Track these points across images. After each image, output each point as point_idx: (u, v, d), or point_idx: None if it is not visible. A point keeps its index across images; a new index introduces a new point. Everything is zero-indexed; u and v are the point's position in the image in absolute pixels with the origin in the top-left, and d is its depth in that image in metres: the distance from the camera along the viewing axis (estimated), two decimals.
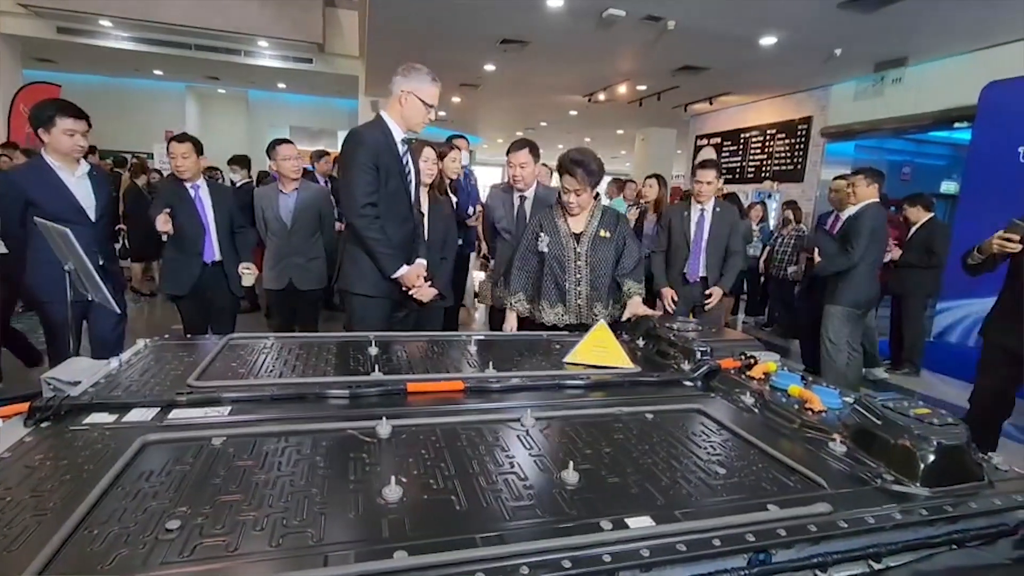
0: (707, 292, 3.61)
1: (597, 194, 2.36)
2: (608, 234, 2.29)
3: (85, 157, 2.52)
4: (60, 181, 2.41)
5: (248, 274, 3.10)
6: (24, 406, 1.06)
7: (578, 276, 2.26)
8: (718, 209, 3.66)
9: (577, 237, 2.28)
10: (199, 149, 2.99)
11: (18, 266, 2.49)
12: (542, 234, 2.27)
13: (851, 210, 3.75)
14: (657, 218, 4.42)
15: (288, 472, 0.90)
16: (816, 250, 3.91)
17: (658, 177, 4.99)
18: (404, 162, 2.28)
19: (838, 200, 4.33)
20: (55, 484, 0.83)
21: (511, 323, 2.34)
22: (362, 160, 2.16)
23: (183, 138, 2.95)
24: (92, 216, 2.51)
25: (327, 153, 5.98)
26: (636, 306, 2.26)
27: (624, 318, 2.19)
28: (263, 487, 0.85)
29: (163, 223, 2.73)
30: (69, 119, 2.35)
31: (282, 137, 3.57)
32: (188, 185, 2.96)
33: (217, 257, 3.02)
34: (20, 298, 3.69)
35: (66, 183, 2.43)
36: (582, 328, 2.20)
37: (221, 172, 7.33)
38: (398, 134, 2.25)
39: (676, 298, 3.69)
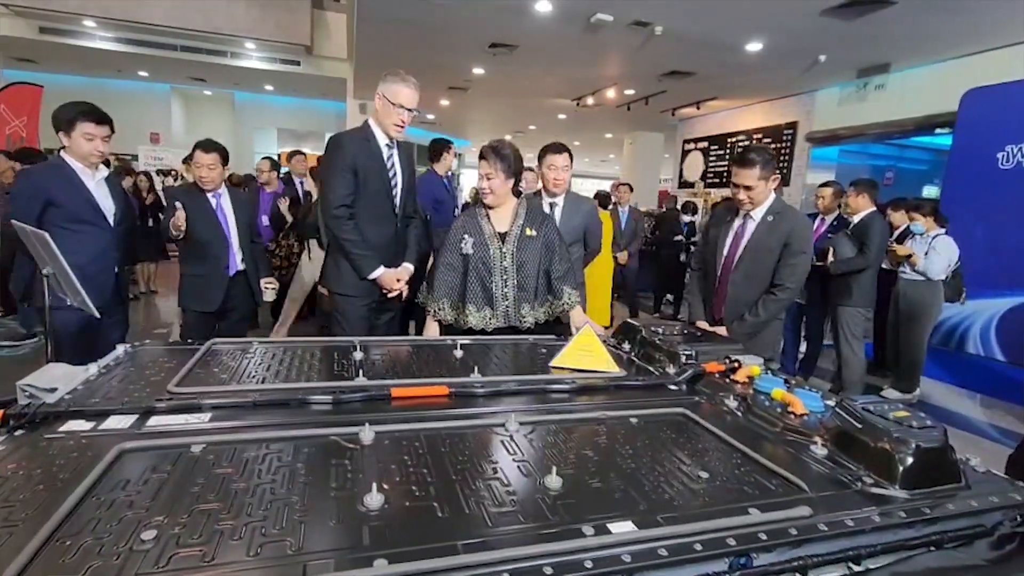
0: (713, 330, 2.34)
1: (519, 192, 2.31)
2: (534, 232, 2.23)
3: (107, 164, 2.48)
4: (81, 183, 2.36)
5: (271, 289, 3.01)
6: None
7: (504, 277, 2.19)
8: (770, 219, 2.41)
9: (502, 237, 2.22)
10: (225, 159, 2.83)
11: (20, 268, 2.42)
12: (466, 236, 2.20)
13: (855, 218, 4.20)
14: None
15: (268, 480, 0.89)
16: (831, 250, 4.11)
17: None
18: (389, 165, 2.29)
19: (823, 206, 4.56)
20: (28, 494, 0.81)
21: (432, 331, 2.21)
22: (340, 164, 2.18)
23: (210, 147, 2.77)
24: (111, 221, 2.46)
25: (300, 153, 5.87)
26: (578, 319, 2.21)
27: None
28: (242, 495, 0.84)
29: (178, 219, 2.59)
30: (89, 123, 2.31)
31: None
32: (209, 195, 2.82)
33: (240, 267, 2.89)
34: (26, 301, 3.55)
35: (87, 185, 2.38)
36: (510, 331, 2.18)
37: (177, 172, 7.25)
38: (382, 138, 2.27)
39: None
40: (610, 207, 6.50)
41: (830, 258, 4.09)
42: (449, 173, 4.36)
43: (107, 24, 7.60)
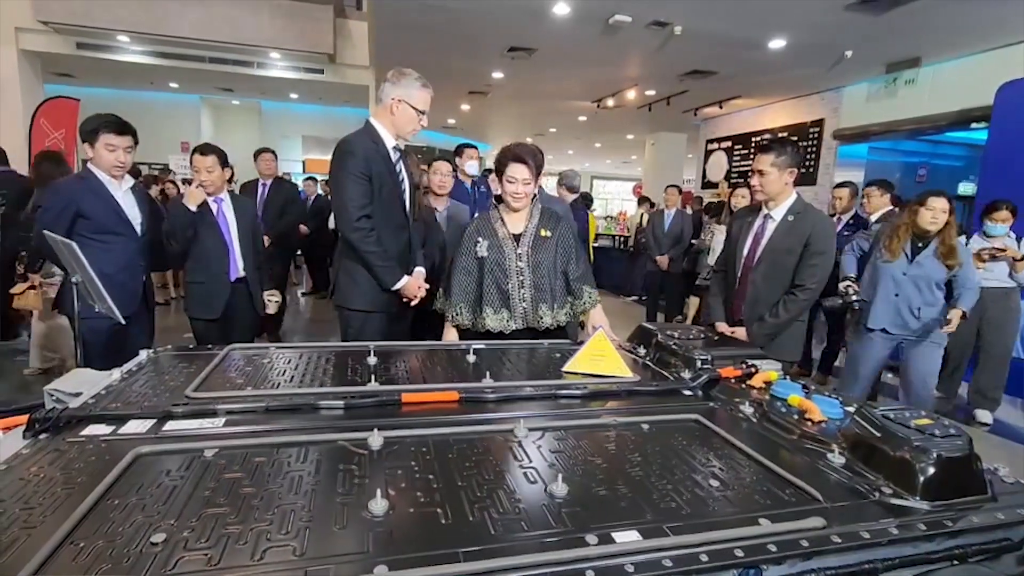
0: (732, 331, 2.45)
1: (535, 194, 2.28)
2: (549, 233, 2.22)
3: (136, 175, 2.51)
4: (109, 193, 2.41)
5: (274, 302, 2.99)
6: (25, 418, 1.08)
7: (520, 279, 2.17)
8: (791, 218, 2.40)
9: (516, 238, 2.20)
10: (224, 161, 2.83)
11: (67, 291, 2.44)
12: (480, 239, 2.19)
13: (874, 216, 4.20)
14: None
15: (277, 485, 0.90)
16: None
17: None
18: (397, 170, 2.23)
19: (841, 207, 4.61)
20: (47, 497, 0.84)
21: (451, 338, 2.21)
22: (354, 171, 2.09)
23: (207, 150, 2.78)
24: (138, 230, 2.51)
25: (267, 151, 5.19)
26: (598, 318, 2.20)
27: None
28: (250, 500, 0.86)
29: (193, 190, 2.60)
30: (111, 134, 2.35)
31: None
32: (211, 199, 2.80)
33: (241, 274, 2.88)
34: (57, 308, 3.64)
35: (114, 195, 2.43)
36: (529, 333, 2.18)
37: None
38: (389, 141, 2.20)
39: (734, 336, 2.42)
40: (652, 209, 6.47)
41: None
42: (478, 176, 4.31)
43: (140, 38, 7.85)
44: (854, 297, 2.94)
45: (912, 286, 2.94)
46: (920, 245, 2.96)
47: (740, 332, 2.46)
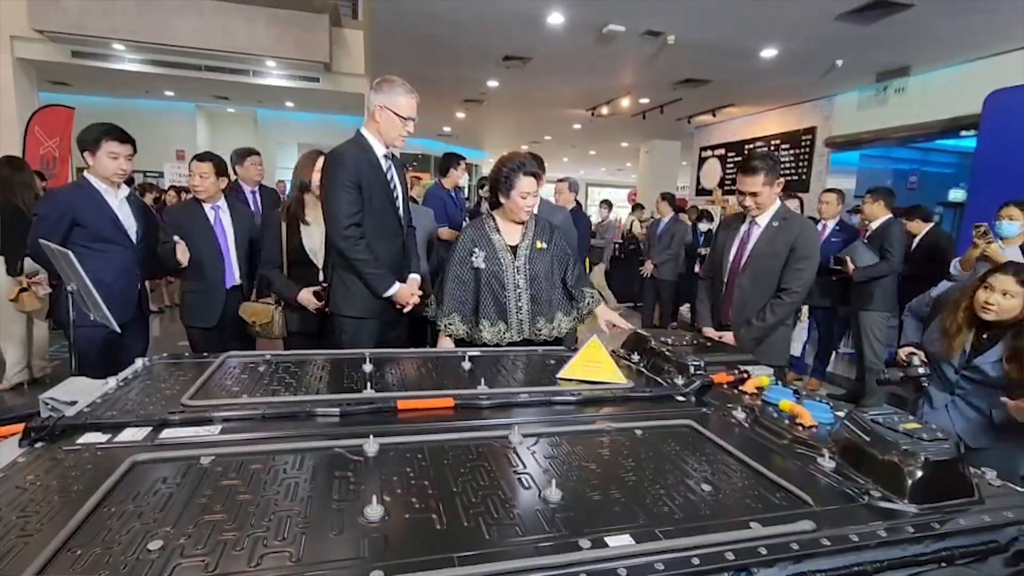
0: (719, 335, 2.49)
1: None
2: (544, 244, 2.23)
3: (129, 183, 2.54)
4: (105, 202, 2.43)
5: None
6: (21, 426, 1.08)
7: (518, 291, 2.17)
8: (776, 224, 2.45)
9: (513, 250, 2.21)
10: (220, 169, 2.86)
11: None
12: (476, 250, 2.18)
13: (874, 224, 4.20)
14: None
15: (273, 491, 0.91)
16: (849, 259, 4.12)
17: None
18: (389, 177, 2.23)
19: (829, 212, 4.68)
20: (43, 505, 0.84)
21: (446, 347, 2.18)
22: (343, 180, 2.10)
23: (204, 157, 2.84)
24: (134, 239, 2.52)
25: (254, 153, 4.42)
26: (606, 313, 2.20)
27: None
28: (247, 506, 0.86)
29: (182, 252, 2.63)
30: (114, 142, 2.38)
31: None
32: (208, 207, 2.82)
33: (237, 282, 2.87)
34: (52, 317, 3.60)
35: (110, 204, 2.45)
36: (526, 345, 2.17)
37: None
38: (379, 150, 2.20)
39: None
40: (646, 217, 6.60)
41: (850, 266, 4.10)
42: (459, 184, 4.42)
43: (135, 47, 7.87)
44: (920, 369, 2.19)
45: (972, 386, 2.12)
46: (985, 337, 2.08)
47: (728, 336, 2.48)
